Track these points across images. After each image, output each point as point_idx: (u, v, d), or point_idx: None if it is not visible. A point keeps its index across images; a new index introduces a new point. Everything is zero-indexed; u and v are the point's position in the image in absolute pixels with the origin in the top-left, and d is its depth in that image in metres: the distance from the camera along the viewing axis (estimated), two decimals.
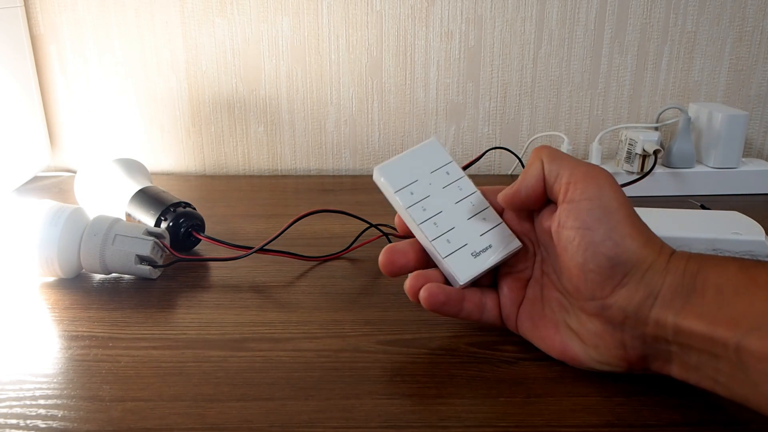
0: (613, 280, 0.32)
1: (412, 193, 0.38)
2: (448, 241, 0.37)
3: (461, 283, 0.36)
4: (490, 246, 0.37)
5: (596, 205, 0.32)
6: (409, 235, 0.39)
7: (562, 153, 0.35)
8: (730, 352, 0.28)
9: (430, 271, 0.37)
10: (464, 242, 0.37)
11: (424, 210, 0.37)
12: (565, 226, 0.33)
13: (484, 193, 0.39)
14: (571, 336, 0.35)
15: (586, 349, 0.34)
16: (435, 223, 0.37)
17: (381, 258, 0.37)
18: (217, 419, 0.32)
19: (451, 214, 0.38)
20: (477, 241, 0.37)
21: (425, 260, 0.38)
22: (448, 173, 0.39)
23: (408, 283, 0.37)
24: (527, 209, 0.37)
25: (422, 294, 0.36)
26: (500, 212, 0.39)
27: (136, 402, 0.33)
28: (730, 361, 0.29)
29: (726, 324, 0.29)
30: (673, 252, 0.32)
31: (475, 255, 0.37)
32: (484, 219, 0.38)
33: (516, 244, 0.38)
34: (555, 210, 0.35)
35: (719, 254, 0.33)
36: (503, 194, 0.37)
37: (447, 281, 0.37)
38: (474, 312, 0.37)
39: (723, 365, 0.29)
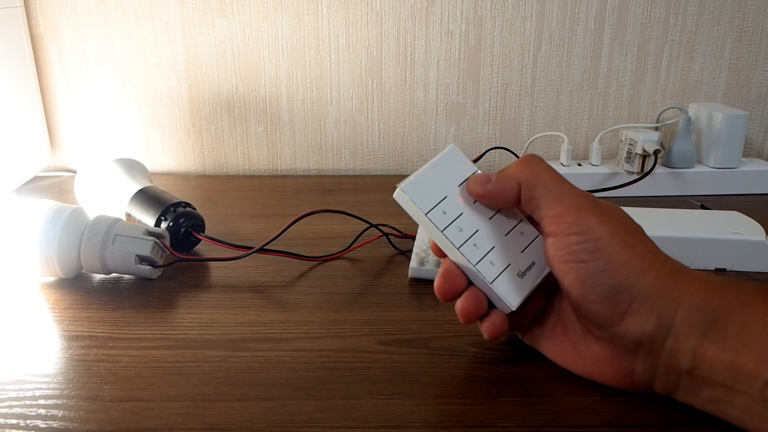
0: (619, 308, 0.31)
1: (444, 213, 0.34)
2: (491, 263, 0.34)
3: (513, 309, 0.34)
4: (533, 263, 0.35)
5: (586, 239, 0.31)
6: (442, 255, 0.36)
7: (542, 176, 0.33)
8: (756, 387, 0.28)
9: (478, 292, 0.35)
10: (507, 262, 0.35)
11: (461, 231, 0.34)
12: (555, 259, 0.32)
13: None
14: (575, 358, 0.35)
15: (588, 374, 0.34)
16: (475, 245, 0.34)
17: (440, 283, 0.34)
18: (217, 419, 0.32)
19: (488, 231, 0.35)
20: (519, 260, 0.35)
21: None
22: None
23: (461, 304, 0.34)
24: None
25: (488, 328, 0.34)
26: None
27: (136, 402, 0.33)
28: (750, 395, 0.28)
29: (754, 358, 0.28)
30: (687, 273, 0.31)
31: (521, 275, 0.35)
32: (521, 233, 0.36)
33: None
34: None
35: (734, 278, 0.31)
36: (471, 188, 0.35)
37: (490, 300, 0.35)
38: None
39: (740, 399, 0.28)
